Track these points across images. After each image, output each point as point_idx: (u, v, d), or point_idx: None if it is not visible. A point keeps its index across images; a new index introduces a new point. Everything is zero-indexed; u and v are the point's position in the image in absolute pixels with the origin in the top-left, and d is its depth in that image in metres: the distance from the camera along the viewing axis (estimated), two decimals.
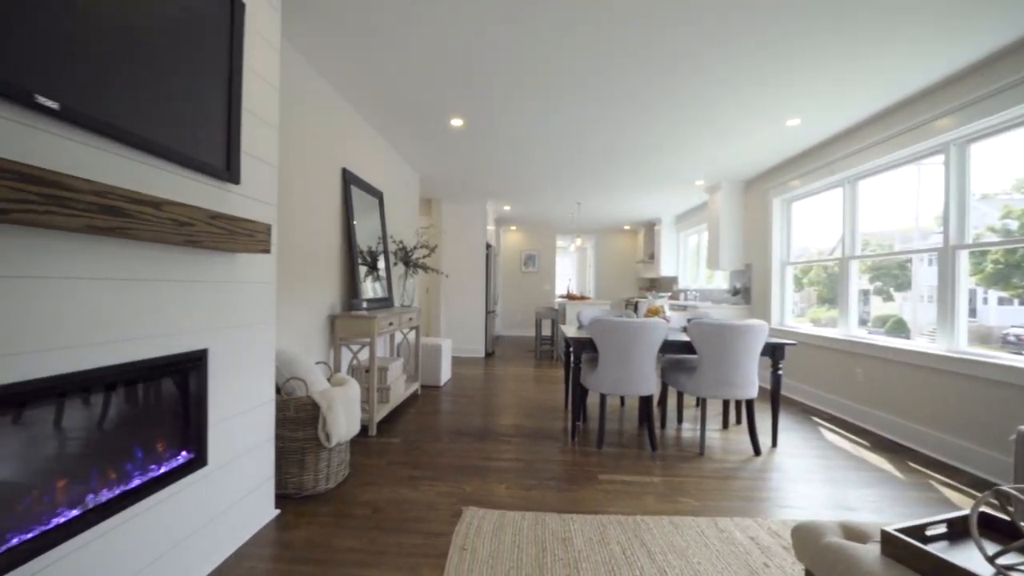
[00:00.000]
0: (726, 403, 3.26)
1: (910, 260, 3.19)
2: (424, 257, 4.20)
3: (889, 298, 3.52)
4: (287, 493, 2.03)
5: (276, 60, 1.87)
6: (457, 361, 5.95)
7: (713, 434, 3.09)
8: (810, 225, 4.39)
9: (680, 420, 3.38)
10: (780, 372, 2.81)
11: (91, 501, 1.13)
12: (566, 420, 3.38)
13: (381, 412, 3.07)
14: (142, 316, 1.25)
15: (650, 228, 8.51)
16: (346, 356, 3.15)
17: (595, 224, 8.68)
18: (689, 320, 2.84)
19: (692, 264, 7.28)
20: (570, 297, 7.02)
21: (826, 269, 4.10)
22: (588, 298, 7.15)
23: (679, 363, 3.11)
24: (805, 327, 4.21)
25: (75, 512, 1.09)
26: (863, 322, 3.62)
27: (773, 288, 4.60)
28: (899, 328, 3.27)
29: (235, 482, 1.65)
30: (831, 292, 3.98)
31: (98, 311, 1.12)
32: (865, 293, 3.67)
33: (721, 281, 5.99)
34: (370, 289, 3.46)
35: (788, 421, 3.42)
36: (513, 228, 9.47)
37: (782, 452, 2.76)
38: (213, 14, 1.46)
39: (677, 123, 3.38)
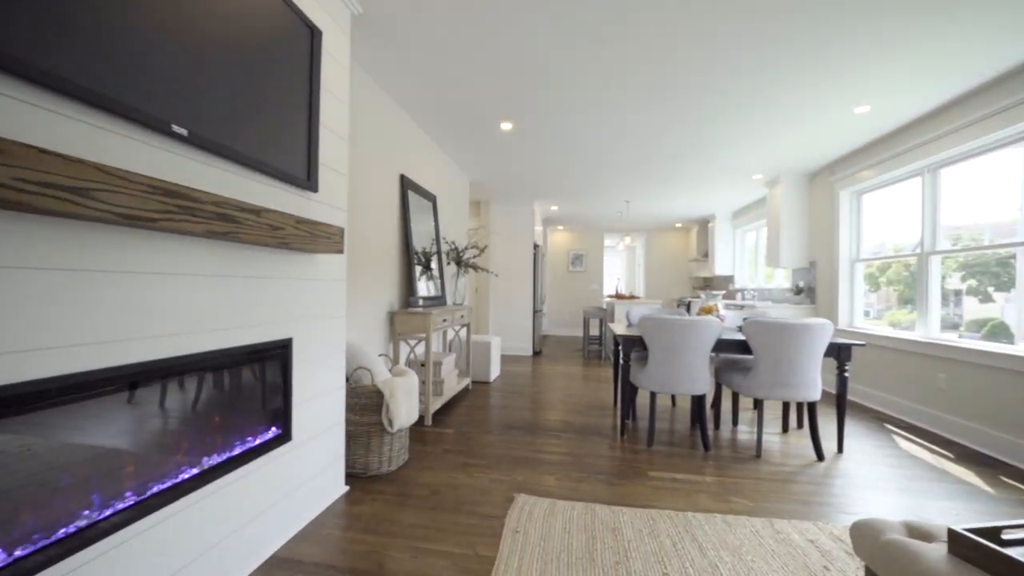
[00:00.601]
0: (786, 406, 3.12)
1: (1014, 256, 2.83)
2: (475, 257, 4.35)
3: (988, 299, 3.16)
4: (354, 472, 2.23)
5: (346, 78, 2.07)
6: (505, 359, 6.09)
7: (772, 438, 2.97)
8: (884, 219, 4.06)
9: (735, 422, 3.27)
10: (846, 374, 2.65)
11: (206, 463, 1.34)
12: (615, 418, 3.39)
13: (436, 404, 3.24)
14: (242, 308, 1.45)
15: (704, 225, 8.20)
16: (403, 350, 3.35)
17: (644, 222, 8.50)
18: (745, 319, 2.76)
19: (750, 262, 6.94)
20: (619, 296, 6.93)
21: (908, 267, 3.77)
22: (637, 297, 7.02)
23: (734, 363, 3.02)
24: (882, 329, 3.91)
25: (195, 471, 1.30)
26: (953, 326, 3.28)
27: (841, 287, 4.31)
28: (999, 332, 2.93)
29: (313, 457, 1.85)
30: (913, 292, 3.65)
31: (209, 303, 1.33)
32: (956, 293, 3.33)
33: (782, 280, 5.68)
34: (424, 288, 3.66)
35: (857, 427, 3.21)
36: (560, 228, 9.49)
37: (849, 458, 2.61)
38: (296, 42, 1.65)
39: (734, 115, 3.28)
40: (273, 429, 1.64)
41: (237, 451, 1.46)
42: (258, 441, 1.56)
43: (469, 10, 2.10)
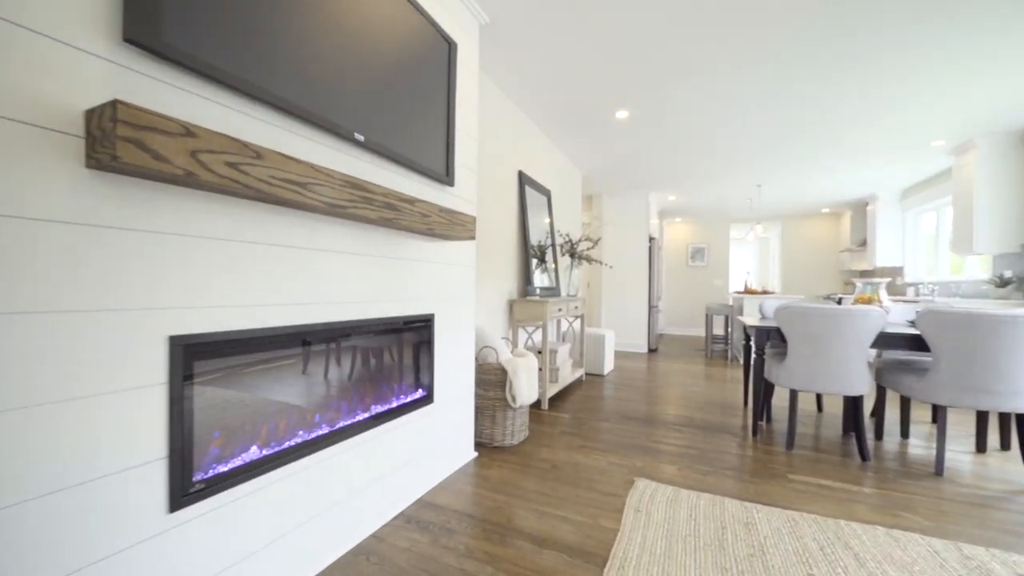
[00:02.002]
0: (983, 420, 2.52)
1: None
2: (588, 249, 4.38)
3: None
4: (481, 442, 2.45)
5: (475, 82, 2.29)
6: (619, 355, 5.96)
7: (960, 456, 2.43)
8: None
9: (905, 434, 2.74)
10: None
11: (374, 410, 1.64)
12: (745, 418, 3.11)
13: (552, 390, 3.36)
14: (399, 285, 1.73)
15: (860, 208, 6.96)
16: (521, 337, 3.54)
17: (780, 209, 7.53)
18: (918, 311, 2.30)
19: (928, 250, 5.69)
20: (748, 292, 6.26)
21: None
22: (771, 292, 6.25)
23: (904, 363, 2.55)
24: None
25: (366, 415, 1.59)
26: None
27: None
28: None
29: (450, 420, 2.09)
30: None
31: (377, 279, 1.62)
32: None
33: (976, 271, 4.55)
34: (539, 279, 3.81)
35: None
36: (678, 220, 8.92)
37: None
38: (437, 56, 1.90)
39: (911, 62, 2.76)
40: (420, 391, 1.91)
41: (394, 404, 1.75)
42: (409, 399, 1.83)
43: (578, 11, 2.16)
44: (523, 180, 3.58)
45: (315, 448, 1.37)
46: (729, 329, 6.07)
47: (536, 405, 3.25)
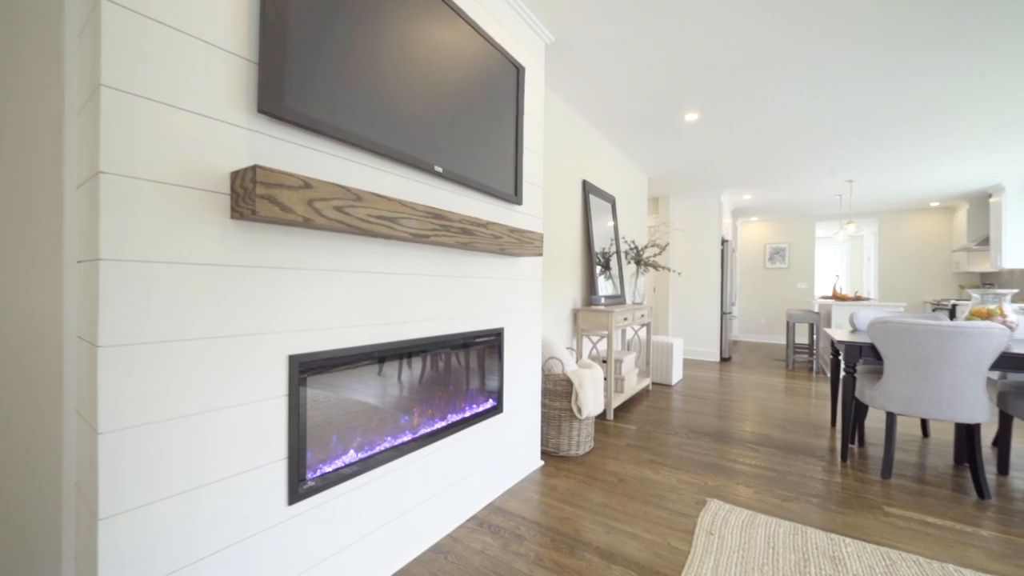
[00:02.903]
0: None
1: None
2: (655, 256, 4.27)
3: None
4: (547, 451, 2.51)
5: (541, 101, 2.36)
6: (688, 363, 5.72)
7: None
8: None
9: None
10: None
11: (450, 418, 1.76)
12: (832, 440, 2.87)
13: (617, 400, 3.33)
14: (472, 301, 1.84)
15: (981, 201, 6.06)
16: (586, 347, 3.55)
17: (877, 204, 6.75)
18: None
19: None
20: (837, 297, 5.69)
21: None
22: (866, 299, 5.63)
23: None
24: None
25: (443, 423, 1.72)
26: None
27: None
28: None
29: (518, 430, 2.18)
30: None
31: (452, 297, 1.74)
32: None
33: None
34: (604, 287, 3.79)
35: None
36: (754, 219, 8.33)
37: None
38: (506, 82, 1.99)
39: None
40: (491, 401, 2.01)
41: (468, 414, 1.86)
42: (481, 408, 1.94)
43: (646, 20, 2.14)
44: (587, 189, 3.58)
45: (400, 453, 1.51)
46: (815, 338, 5.57)
47: (601, 415, 3.24)
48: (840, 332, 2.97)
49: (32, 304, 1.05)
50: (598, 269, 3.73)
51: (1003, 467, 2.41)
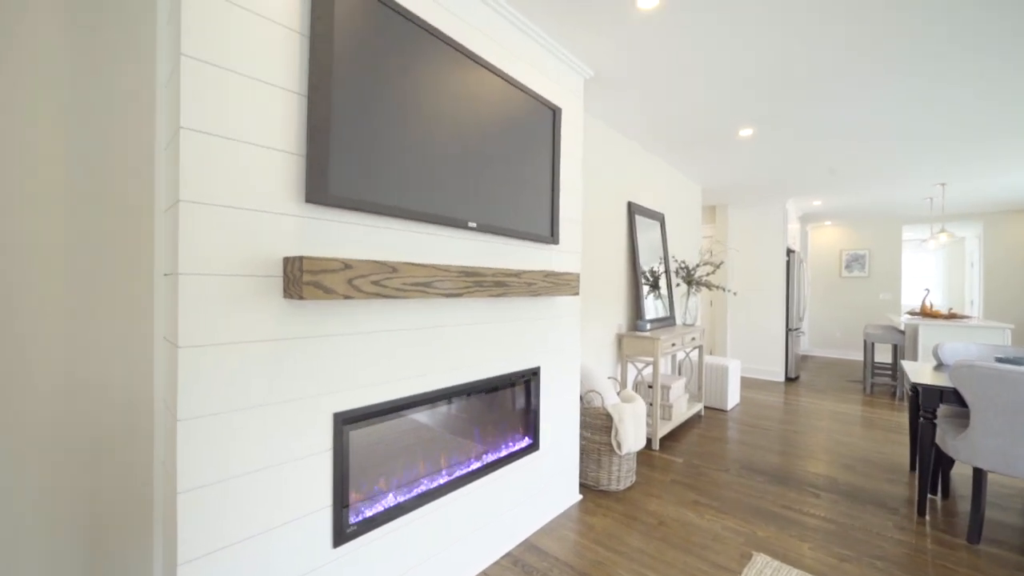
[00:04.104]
0: None
1: None
2: (708, 275, 4.08)
3: None
4: (587, 484, 2.51)
5: (580, 136, 2.36)
6: (748, 383, 5.38)
7: None
8: None
9: None
10: None
11: (486, 459, 1.84)
12: (911, 488, 2.58)
13: (663, 429, 3.23)
14: (508, 344, 1.90)
15: None
16: (631, 372, 3.48)
17: (979, 204, 5.92)
18: None
19: None
20: (927, 314, 5.04)
21: None
22: (966, 317, 4.93)
23: None
24: None
25: (479, 464, 1.80)
26: None
27: None
28: None
29: (555, 466, 2.20)
30: None
31: (489, 342, 1.81)
32: None
33: None
34: (652, 308, 3.69)
35: None
36: (827, 223, 7.64)
37: None
38: (542, 126, 2.02)
39: None
40: (527, 439, 2.06)
41: (503, 453, 1.93)
42: (517, 447, 1.99)
43: (685, 47, 2.07)
44: (632, 210, 3.51)
45: (437, 495, 1.60)
46: (899, 360, 5.00)
47: (647, 445, 3.16)
48: (921, 369, 2.66)
49: (128, 380, 1.26)
50: (646, 290, 3.64)
51: None
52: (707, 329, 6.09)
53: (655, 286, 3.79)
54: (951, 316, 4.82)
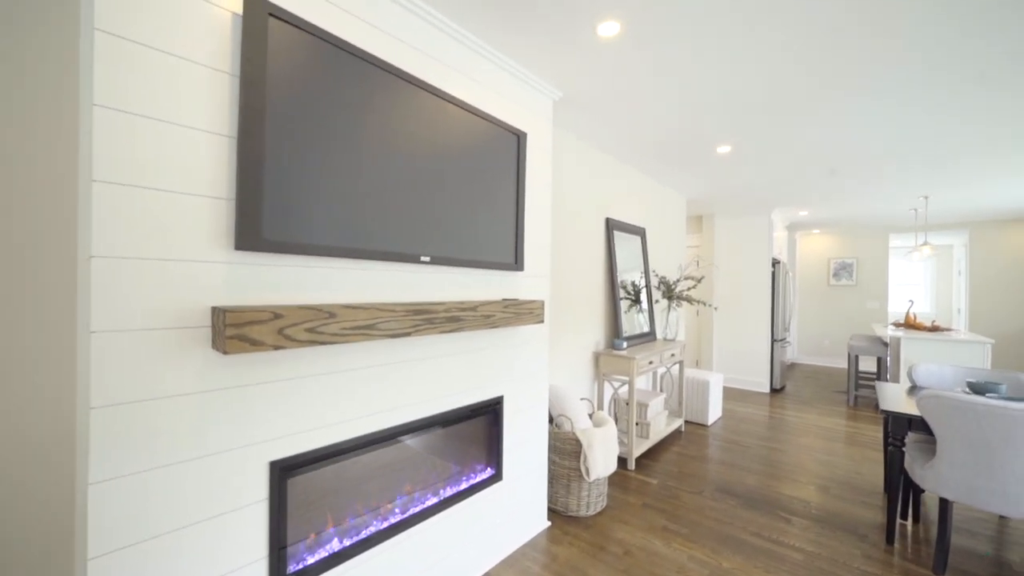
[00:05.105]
0: None
1: None
2: (689, 289, 4.06)
3: None
4: (556, 509, 2.48)
5: (549, 159, 2.33)
6: (732, 394, 5.37)
7: None
8: None
9: None
10: None
11: (442, 494, 1.80)
12: (884, 512, 2.57)
13: (640, 448, 3.21)
14: (466, 376, 1.87)
15: None
16: (607, 392, 3.45)
17: (965, 215, 5.93)
18: None
19: None
20: (911, 325, 5.03)
21: None
22: (947, 329, 4.93)
23: None
24: None
25: (434, 500, 1.76)
26: None
27: None
28: None
29: (519, 495, 2.17)
30: None
31: (444, 376, 1.77)
32: None
33: None
34: (633, 323, 3.66)
35: None
36: (816, 232, 7.65)
37: None
38: (506, 152, 1.99)
39: None
40: (489, 470, 2.03)
41: (463, 486, 1.89)
42: (478, 479, 1.96)
43: (654, 72, 2.04)
44: (611, 226, 3.48)
45: (389, 535, 1.57)
46: (883, 371, 5.01)
47: (623, 464, 3.14)
48: (895, 392, 2.64)
49: (44, 449, 1.22)
50: (627, 305, 3.61)
51: None
52: (694, 340, 6.08)
53: (637, 299, 3.77)
54: (934, 328, 4.81)
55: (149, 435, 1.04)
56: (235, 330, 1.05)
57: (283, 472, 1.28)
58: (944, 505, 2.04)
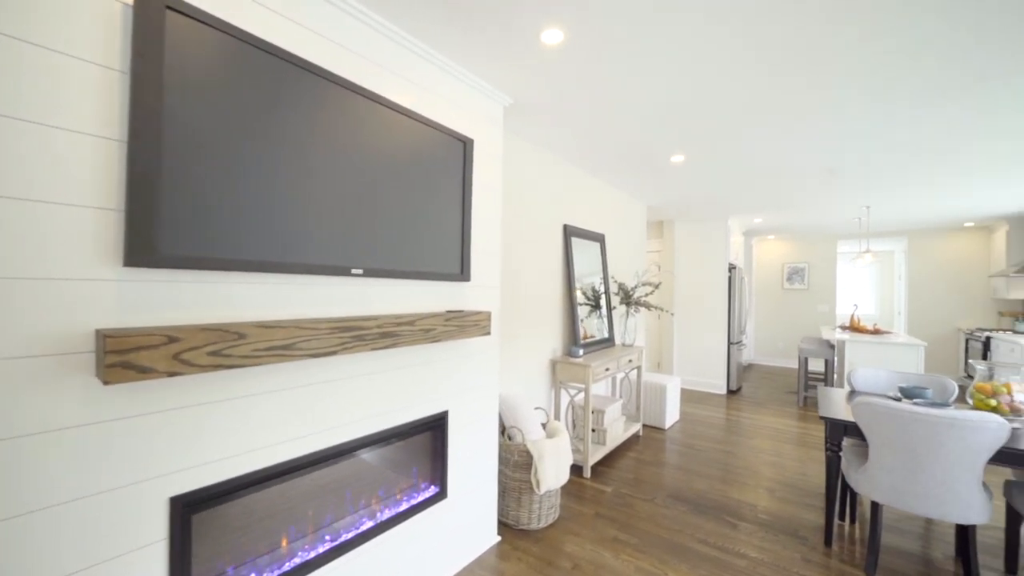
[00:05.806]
0: None
1: None
2: (647, 295, 4.11)
3: None
4: (507, 523, 2.43)
5: (499, 166, 2.28)
6: (691, 396, 5.49)
7: None
8: None
9: None
10: None
11: (379, 516, 1.72)
12: (827, 513, 2.65)
13: (597, 454, 3.21)
14: (406, 392, 1.79)
15: (1021, 223, 5.56)
16: (564, 400, 3.44)
17: (903, 223, 6.31)
18: None
19: None
20: (855, 328, 5.31)
21: None
22: (887, 332, 5.22)
23: None
24: None
25: (370, 523, 1.68)
26: None
27: None
28: None
29: (466, 512, 2.11)
30: None
31: (380, 393, 1.69)
32: None
33: None
34: (594, 328, 3.67)
35: None
36: (771, 238, 7.96)
37: None
38: (451, 158, 1.93)
39: None
40: (432, 488, 1.95)
41: (404, 507, 1.81)
42: (421, 498, 1.89)
43: (600, 80, 2.04)
44: (568, 232, 3.48)
45: (318, 565, 1.47)
46: (830, 372, 5.24)
47: (578, 472, 3.13)
48: (836, 396, 2.73)
49: None
50: (586, 311, 3.62)
51: (1011, 565, 2.17)
52: (656, 343, 6.19)
53: (597, 305, 3.78)
54: (876, 332, 5.10)
55: (31, 474, 0.92)
56: (117, 356, 0.94)
57: (187, 508, 1.17)
58: (875, 508, 2.12)
